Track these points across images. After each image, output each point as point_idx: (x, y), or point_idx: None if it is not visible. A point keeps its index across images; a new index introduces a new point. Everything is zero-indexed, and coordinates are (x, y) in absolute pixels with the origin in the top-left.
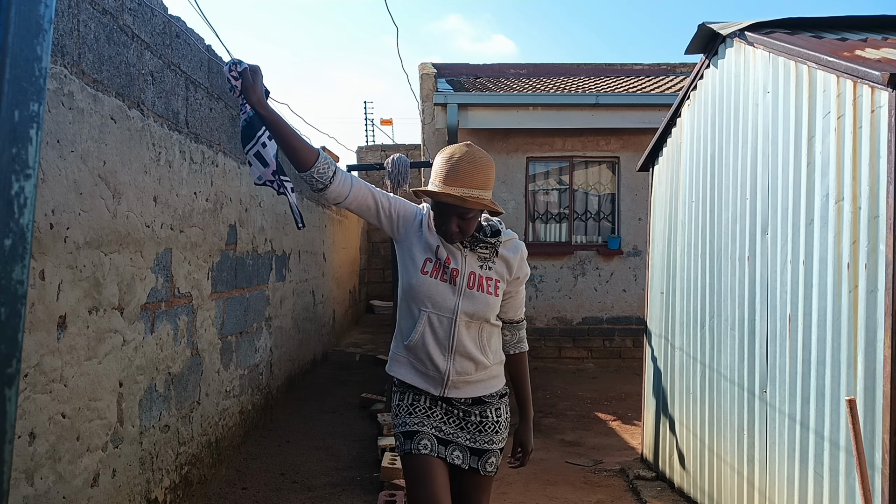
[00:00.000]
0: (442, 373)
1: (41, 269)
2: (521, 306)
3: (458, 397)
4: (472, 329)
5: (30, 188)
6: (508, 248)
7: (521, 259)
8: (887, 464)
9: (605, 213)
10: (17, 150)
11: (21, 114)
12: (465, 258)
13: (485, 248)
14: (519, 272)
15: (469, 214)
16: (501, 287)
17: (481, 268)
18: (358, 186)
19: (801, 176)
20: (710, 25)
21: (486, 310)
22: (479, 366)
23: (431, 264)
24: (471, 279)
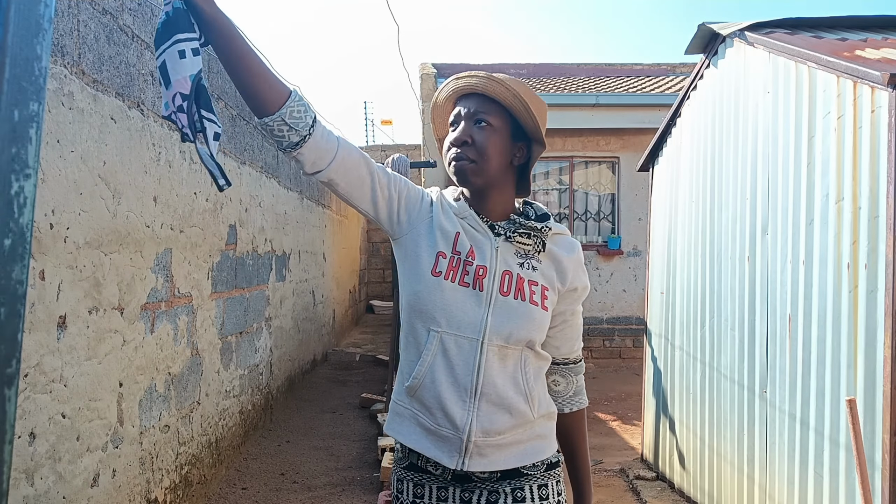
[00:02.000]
0: (460, 430)
1: (41, 269)
2: (577, 337)
3: (484, 471)
4: (510, 361)
5: (30, 188)
6: (561, 245)
7: (578, 263)
8: (887, 463)
9: (605, 213)
10: (17, 150)
11: (21, 113)
12: (498, 251)
13: (526, 237)
14: (576, 281)
15: (488, 118)
16: (551, 298)
17: (522, 266)
18: (347, 150)
19: (801, 176)
20: (710, 25)
21: (530, 328)
22: (519, 419)
23: (446, 261)
24: (505, 281)
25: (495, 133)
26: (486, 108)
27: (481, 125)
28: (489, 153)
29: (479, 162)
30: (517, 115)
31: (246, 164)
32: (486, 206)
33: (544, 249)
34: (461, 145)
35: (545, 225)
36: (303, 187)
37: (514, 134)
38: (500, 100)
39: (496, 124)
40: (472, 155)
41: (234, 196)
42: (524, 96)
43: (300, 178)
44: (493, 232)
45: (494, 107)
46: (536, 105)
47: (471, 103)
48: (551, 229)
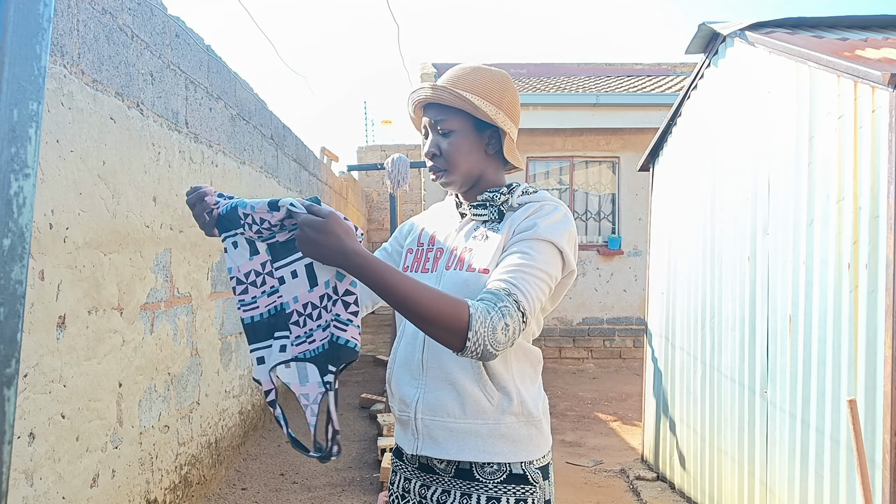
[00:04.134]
0: (410, 408)
1: (41, 269)
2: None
3: (438, 458)
4: None
5: (29, 188)
6: (524, 208)
7: (532, 213)
8: (888, 463)
9: (605, 213)
10: (16, 150)
11: (20, 113)
12: (458, 230)
13: (482, 208)
14: (521, 219)
15: (447, 125)
16: (492, 257)
17: (474, 238)
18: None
19: (802, 176)
20: (710, 25)
21: (464, 293)
22: (471, 403)
23: (413, 255)
24: (453, 256)
25: (458, 136)
26: (443, 116)
27: (444, 134)
28: (457, 159)
29: (451, 169)
30: (472, 113)
31: (245, 163)
32: (471, 194)
33: (501, 219)
34: (432, 158)
35: (498, 193)
36: (303, 187)
37: (479, 126)
38: (451, 105)
39: (457, 127)
40: (442, 165)
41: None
42: (472, 91)
43: (300, 178)
44: (461, 216)
45: (450, 111)
46: (489, 93)
47: (431, 114)
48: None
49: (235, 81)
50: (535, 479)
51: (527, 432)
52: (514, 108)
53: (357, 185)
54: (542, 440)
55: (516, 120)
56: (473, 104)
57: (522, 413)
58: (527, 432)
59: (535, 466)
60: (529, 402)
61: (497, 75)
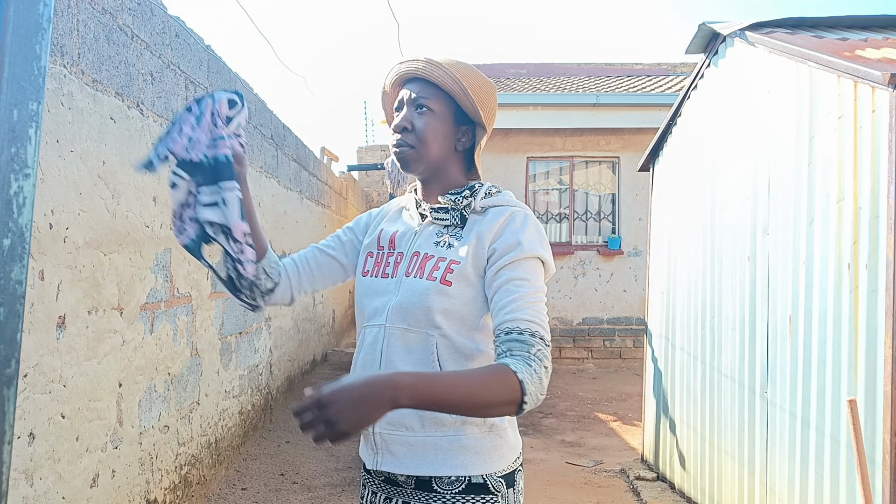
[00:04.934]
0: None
1: (41, 269)
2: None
3: (397, 473)
4: (416, 346)
5: (29, 188)
6: (491, 214)
7: (508, 223)
8: (888, 463)
9: (605, 213)
10: (16, 150)
11: (20, 113)
12: (416, 235)
13: (444, 212)
14: (497, 242)
15: (428, 103)
16: (460, 272)
17: (437, 245)
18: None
19: (802, 176)
20: (710, 25)
21: (422, 303)
22: (428, 415)
23: (373, 259)
24: (413, 263)
25: (436, 118)
26: (427, 93)
27: (422, 110)
28: (428, 139)
29: (419, 148)
30: (457, 99)
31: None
32: (431, 192)
33: (463, 224)
34: (401, 132)
35: (460, 196)
36: (302, 187)
37: (458, 118)
38: (440, 84)
39: (437, 109)
40: (411, 141)
41: None
42: (464, 79)
43: (300, 178)
44: (421, 217)
45: (436, 91)
46: (478, 88)
47: (413, 88)
48: (474, 203)
49: (235, 81)
50: (496, 487)
51: (490, 443)
52: (492, 116)
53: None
54: (507, 449)
55: (490, 127)
56: (464, 89)
57: (485, 423)
58: (490, 443)
59: (497, 475)
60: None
61: (487, 79)
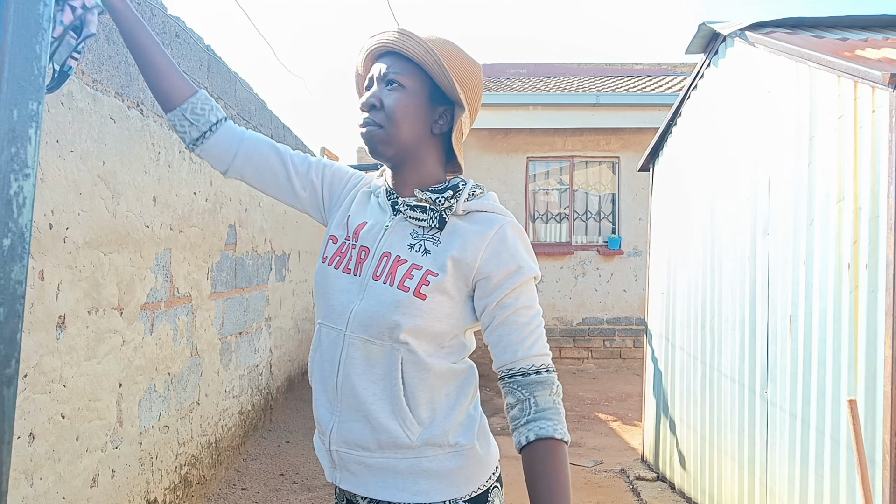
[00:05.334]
0: (326, 436)
1: (41, 269)
2: (520, 340)
3: (357, 493)
4: (378, 361)
5: (29, 188)
6: (475, 222)
7: (500, 242)
8: (888, 463)
9: (605, 213)
10: (16, 150)
11: (20, 113)
12: (387, 230)
13: (421, 212)
14: (489, 267)
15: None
16: (438, 285)
17: (411, 248)
18: (253, 144)
19: (802, 176)
20: (710, 25)
21: (390, 316)
22: (386, 438)
23: (336, 246)
24: (382, 264)
25: (408, 95)
26: (399, 68)
27: (392, 86)
28: (399, 117)
29: (388, 127)
30: (433, 74)
31: None
32: (403, 182)
33: (441, 227)
34: (369, 109)
35: (442, 197)
36: None
37: (434, 97)
38: (413, 58)
39: (410, 85)
40: (379, 119)
41: (233, 196)
42: (441, 53)
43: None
44: (393, 210)
45: (409, 66)
46: (457, 64)
47: (384, 63)
48: (455, 204)
49: (235, 81)
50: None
51: (455, 464)
52: (476, 98)
53: None
54: (477, 468)
55: (474, 112)
56: (439, 62)
57: (448, 444)
58: (455, 464)
59: (464, 499)
60: (458, 429)
61: (470, 57)
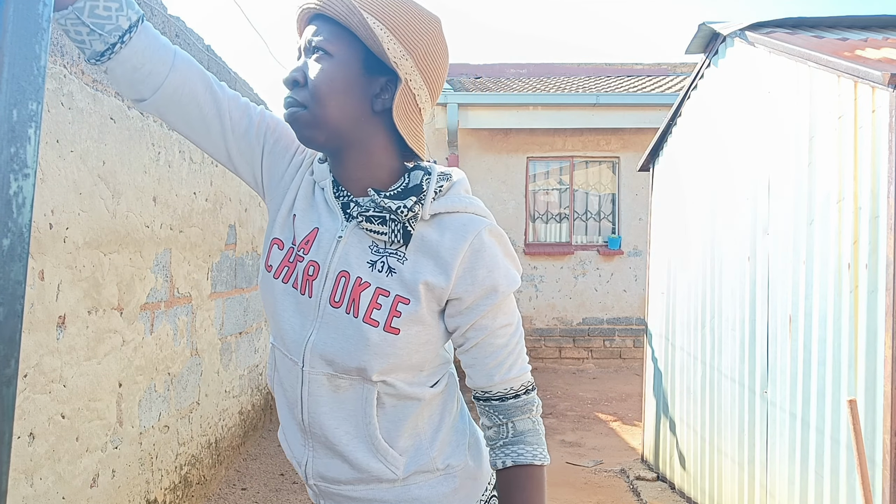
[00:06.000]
0: (303, 468)
1: (41, 269)
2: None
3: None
4: (347, 396)
5: (28, 188)
6: (447, 228)
7: (475, 256)
8: (888, 463)
9: (605, 213)
10: (16, 150)
11: (19, 113)
12: (340, 242)
13: (380, 223)
14: (468, 286)
15: (326, 45)
16: (411, 314)
17: (373, 266)
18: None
19: (802, 176)
20: (710, 25)
21: (360, 355)
22: (367, 474)
23: (282, 253)
24: (339, 286)
25: (334, 64)
26: (325, 33)
27: (317, 57)
28: (325, 95)
29: (313, 107)
30: (362, 38)
31: None
32: (349, 176)
33: (407, 241)
34: (292, 86)
35: (403, 205)
36: None
37: (369, 65)
38: (336, 18)
39: (337, 52)
40: (302, 98)
41: (234, 196)
42: (372, 8)
43: None
44: (345, 213)
45: (337, 29)
46: (397, 21)
47: (309, 30)
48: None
49: (235, 81)
50: None
51: (447, 487)
52: (432, 62)
53: None
54: (471, 485)
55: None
56: (364, 23)
57: (437, 468)
58: (447, 487)
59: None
60: (446, 450)
61: (423, 11)
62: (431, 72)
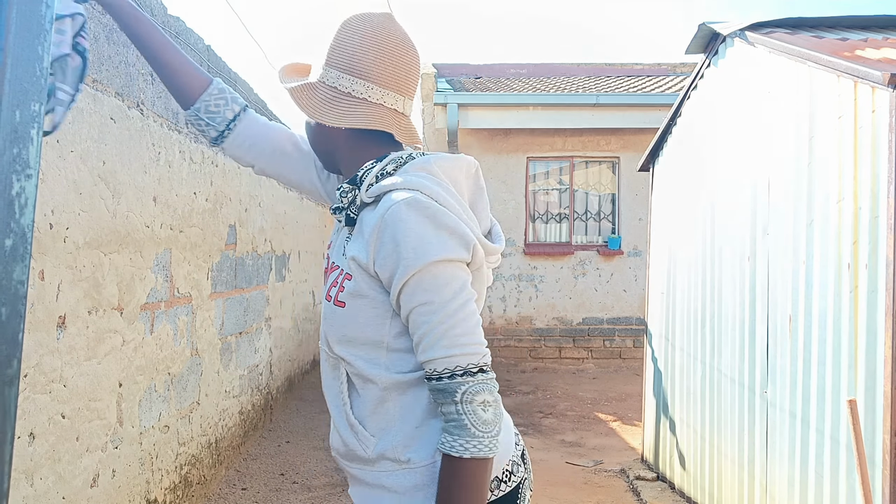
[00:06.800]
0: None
1: (41, 269)
2: (420, 340)
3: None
4: (331, 371)
5: (31, 188)
6: (374, 209)
7: (382, 231)
8: (888, 463)
9: (605, 213)
10: (19, 151)
11: (22, 114)
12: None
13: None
14: (381, 261)
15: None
16: (353, 287)
17: (342, 252)
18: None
19: (802, 176)
20: (710, 25)
21: (330, 330)
22: (351, 448)
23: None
24: (329, 278)
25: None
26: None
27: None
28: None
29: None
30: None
31: None
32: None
33: (351, 224)
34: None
35: (338, 192)
36: None
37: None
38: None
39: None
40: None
41: (234, 196)
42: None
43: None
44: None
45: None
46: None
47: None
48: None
49: (235, 81)
50: None
51: (410, 482)
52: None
53: None
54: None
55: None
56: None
57: (399, 459)
58: (410, 482)
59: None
60: (410, 444)
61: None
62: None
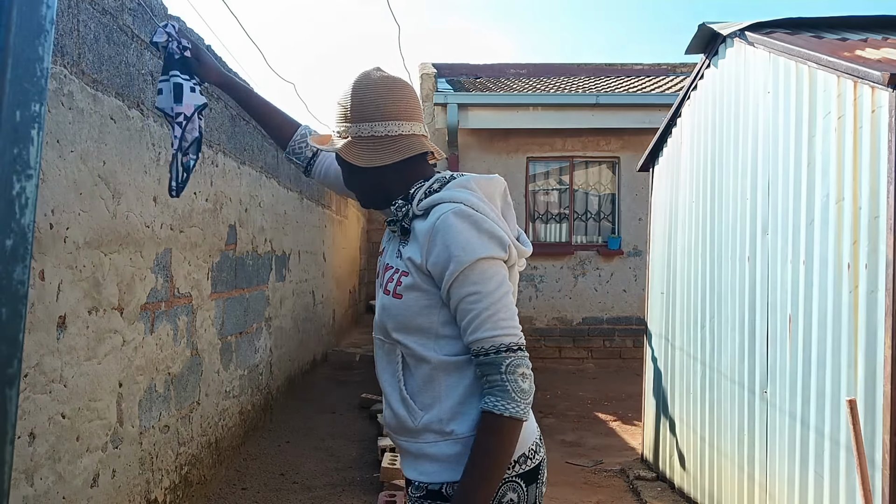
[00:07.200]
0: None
1: (41, 269)
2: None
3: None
4: (391, 356)
5: (31, 188)
6: (425, 218)
7: (436, 234)
8: (887, 463)
9: (605, 213)
10: (19, 151)
11: (23, 114)
12: (390, 244)
13: (392, 223)
14: (431, 257)
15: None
16: (408, 282)
17: (396, 256)
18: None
19: (802, 176)
20: (710, 25)
21: (385, 319)
22: (401, 421)
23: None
24: (383, 276)
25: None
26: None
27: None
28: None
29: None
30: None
31: (245, 163)
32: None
33: (408, 234)
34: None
35: (398, 206)
36: (302, 187)
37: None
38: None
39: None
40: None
41: (233, 196)
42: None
43: (300, 179)
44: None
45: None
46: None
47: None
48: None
49: None
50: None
51: (451, 451)
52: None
53: None
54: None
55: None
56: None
57: (444, 431)
58: (451, 451)
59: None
60: (455, 418)
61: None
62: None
